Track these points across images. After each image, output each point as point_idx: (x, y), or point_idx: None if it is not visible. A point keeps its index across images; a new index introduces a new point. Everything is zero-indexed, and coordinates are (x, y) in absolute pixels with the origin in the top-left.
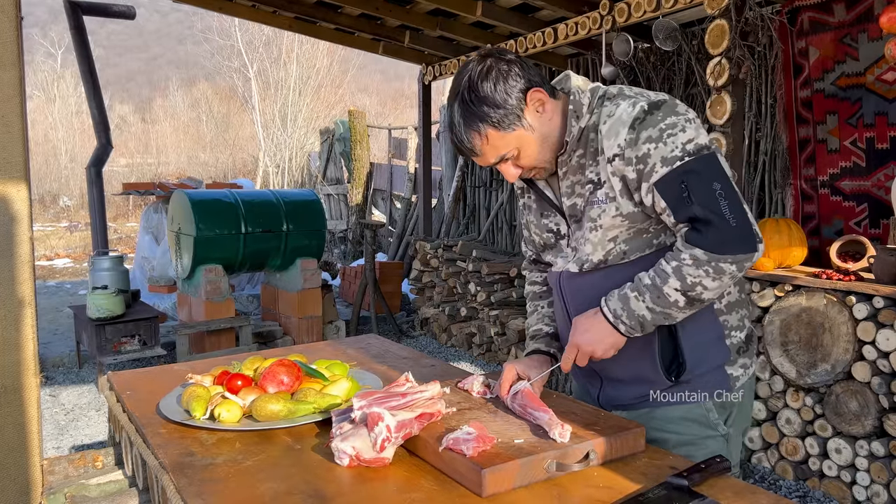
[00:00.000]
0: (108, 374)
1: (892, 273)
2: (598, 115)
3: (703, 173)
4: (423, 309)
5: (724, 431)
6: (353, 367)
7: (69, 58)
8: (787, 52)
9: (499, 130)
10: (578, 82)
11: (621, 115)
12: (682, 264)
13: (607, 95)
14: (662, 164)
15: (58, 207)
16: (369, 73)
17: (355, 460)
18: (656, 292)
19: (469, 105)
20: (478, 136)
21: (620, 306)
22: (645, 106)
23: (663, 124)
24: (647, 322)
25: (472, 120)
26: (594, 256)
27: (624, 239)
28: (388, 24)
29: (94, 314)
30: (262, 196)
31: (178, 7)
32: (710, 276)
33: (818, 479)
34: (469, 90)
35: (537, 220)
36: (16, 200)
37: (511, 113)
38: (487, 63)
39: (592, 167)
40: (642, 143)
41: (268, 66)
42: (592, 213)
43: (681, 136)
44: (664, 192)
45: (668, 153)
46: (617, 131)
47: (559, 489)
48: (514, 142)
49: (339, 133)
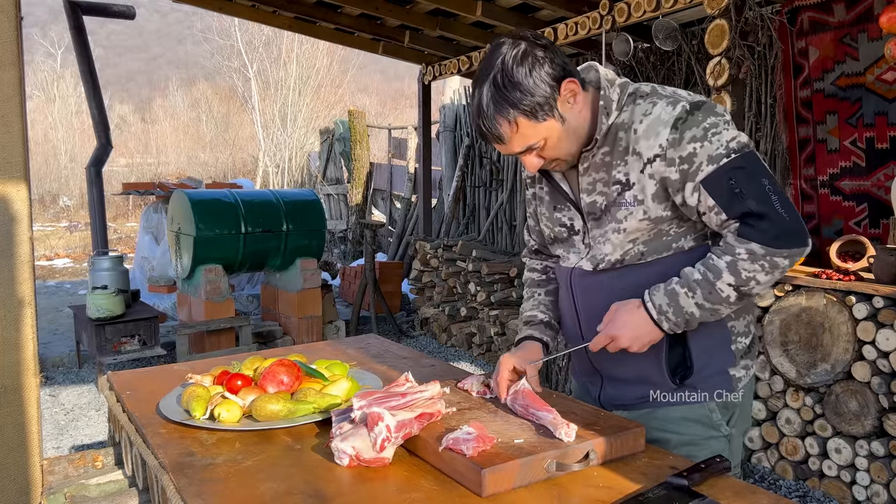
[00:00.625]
0: (107, 374)
1: (891, 273)
2: (631, 113)
3: (750, 169)
4: (422, 309)
5: (727, 432)
6: (352, 367)
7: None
8: (786, 52)
9: (530, 119)
10: (607, 75)
11: (660, 114)
12: (737, 259)
13: (639, 93)
14: (709, 162)
15: (58, 207)
16: (369, 73)
17: (355, 460)
18: (708, 287)
19: (501, 89)
20: (507, 124)
21: (667, 301)
22: (687, 106)
23: (706, 123)
24: (693, 319)
25: (503, 106)
26: (612, 256)
27: (643, 241)
28: (387, 23)
29: (94, 314)
30: (261, 196)
31: (177, 7)
32: (764, 271)
33: (818, 478)
34: (502, 74)
35: (549, 213)
36: (16, 200)
37: (544, 102)
38: (522, 47)
39: (620, 167)
40: (687, 142)
41: (268, 66)
42: (619, 214)
43: (724, 135)
44: (712, 190)
45: (714, 151)
46: (657, 132)
47: (559, 489)
48: (543, 132)
49: (338, 133)
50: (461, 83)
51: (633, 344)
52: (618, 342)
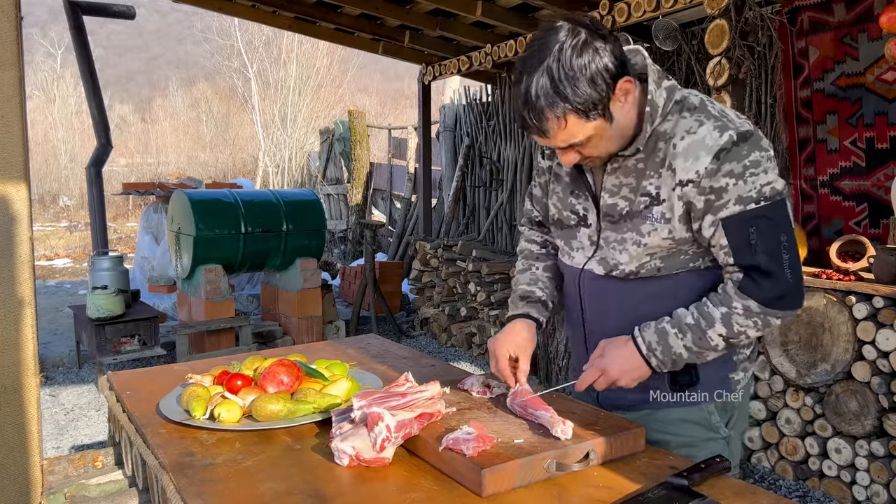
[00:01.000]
0: (107, 373)
1: (891, 273)
2: (674, 124)
3: (773, 221)
4: (422, 309)
5: (726, 434)
6: (352, 367)
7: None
8: (786, 52)
9: (580, 117)
10: (655, 73)
11: (705, 138)
12: (732, 312)
13: (687, 105)
14: (736, 202)
15: (58, 207)
16: (369, 73)
17: (355, 460)
18: (699, 333)
19: (555, 81)
20: (555, 119)
21: (656, 340)
22: (734, 136)
23: (748, 160)
24: (680, 360)
25: (555, 100)
26: (627, 267)
27: (661, 256)
28: (387, 23)
29: (94, 314)
30: (261, 196)
31: (177, 7)
32: (756, 328)
33: (818, 478)
34: (559, 64)
35: (564, 195)
36: (16, 200)
37: (599, 101)
38: (582, 37)
39: (653, 178)
40: (723, 175)
41: (267, 66)
42: (643, 227)
43: (761, 178)
44: (730, 231)
45: (745, 192)
46: (697, 155)
47: (559, 489)
48: (590, 130)
49: (338, 133)
50: (461, 83)
51: (621, 378)
52: (607, 376)
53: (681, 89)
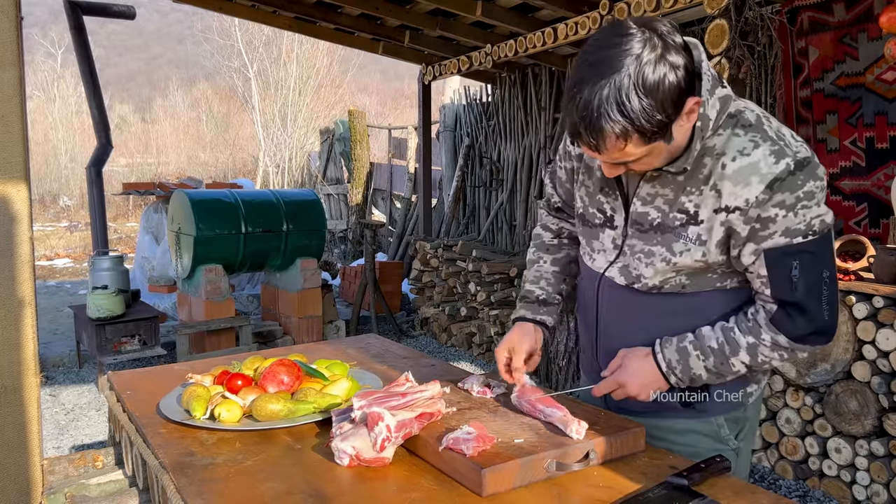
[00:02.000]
0: (108, 373)
1: (891, 273)
2: (725, 142)
3: (817, 256)
4: (423, 309)
5: (735, 446)
6: (353, 366)
7: (69, 58)
8: (786, 52)
9: (641, 138)
10: (710, 80)
11: (759, 163)
12: (759, 343)
13: (742, 121)
14: (783, 234)
15: (58, 207)
16: (369, 73)
17: (355, 460)
18: (721, 358)
19: (625, 99)
20: (614, 137)
21: (677, 358)
22: (791, 165)
23: (801, 192)
24: (699, 380)
25: (619, 117)
26: (650, 281)
27: (687, 273)
28: (387, 23)
29: (95, 314)
30: (262, 196)
31: (178, 7)
32: (780, 359)
33: (818, 478)
34: (631, 80)
35: (593, 191)
36: (16, 200)
37: (666, 123)
38: (658, 50)
39: (693, 195)
40: (773, 205)
41: (268, 66)
42: (675, 246)
43: (812, 210)
44: (772, 264)
45: (794, 225)
46: (748, 181)
47: (559, 489)
48: (646, 151)
49: (339, 133)
50: (461, 83)
51: (641, 392)
52: (626, 389)
53: (736, 100)
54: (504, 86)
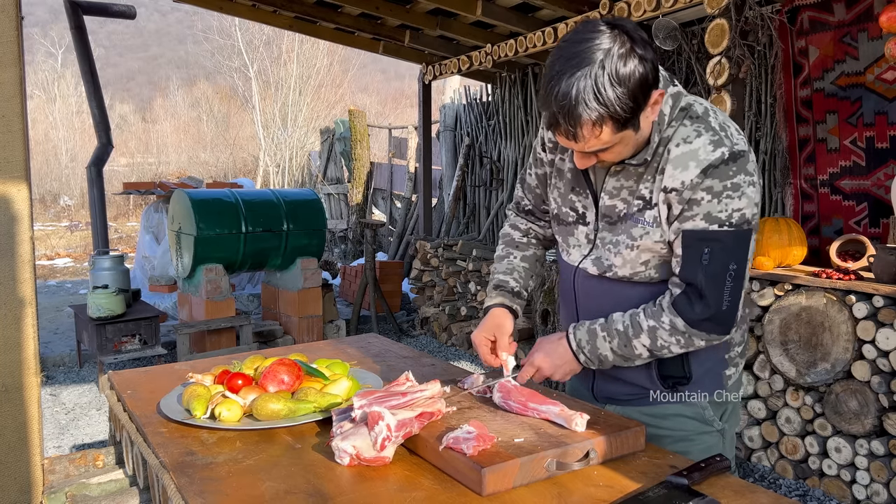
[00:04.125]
0: (108, 373)
1: (891, 272)
2: (675, 131)
3: (729, 247)
4: (423, 308)
5: (720, 427)
6: (353, 366)
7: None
8: (786, 52)
9: (615, 126)
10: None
11: (698, 150)
12: (659, 326)
13: (690, 113)
14: (704, 218)
15: (58, 207)
16: (369, 73)
17: (356, 459)
18: (625, 340)
19: (601, 88)
20: (590, 125)
21: (587, 339)
22: (726, 154)
23: (729, 182)
24: (607, 361)
25: (595, 106)
26: (620, 271)
27: (655, 265)
28: (388, 23)
29: (95, 313)
30: (262, 195)
31: (178, 7)
32: (679, 345)
33: (818, 477)
34: (604, 70)
35: (565, 191)
36: (16, 200)
37: (635, 113)
38: (627, 45)
39: (649, 183)
40: (702, 189)
41: (268, 66)
42: (635, 231)
43: (735, 202)
44: (687, 244)
45: (716, 212)
46: (687, 165)
47: (559, 488)
48: (617, 139)
49: (339, 132)
50: (461, 83)
51: (555, 372)
52: (541, 371)
53: (686, 95)
54: (504, 85)
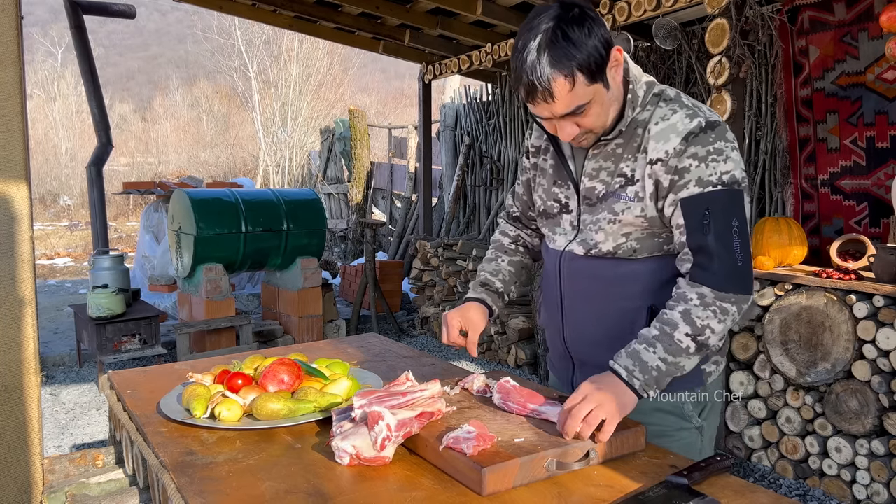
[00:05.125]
0: (108, 373)
1: (892, 272)
2: (651, 113)
3: (727, 206)
4: (423, 308)
5: (699, 424)
6: (353, 366)
7: (69, 57)
8: (787, 51)
9: (585, 77)
10: (634, 70)
11: (676, 123)
12: (689, 307)
13: (664, 96)
14: (696, 184)
15: (58, 206)
16: (370, 72)
17: (356, 459)
18: (667, 340)
19: (560, 45)
20: (563, 79)
21: (631, 362)
22: (703, 123)
23: (712, 147)
24: (661, 375)
25: (563, 61)
26: (604, 246)
27: (636, 237)
28: (388, 23)
29: (95, 313)
30: (262, 195)
31: (178, 6)
32: (716, 318)
33: (818, 477)
34: (560, 30)
35: (548, 186)
36: (16, 199)
37: (601, 63)
38: (575, 10)
39: (629, 162)
40: (687, 157)
41: (268, 65)
42: (617, 206)
43: (722, 165)
44: (686, 211)
45: (706, 176)
46: (668, 137)
47: (559, 488)
48: (591, 94)
49: (339, 132)
50: (461, 82)
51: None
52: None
53: (658, 84)
54: (504, 85)
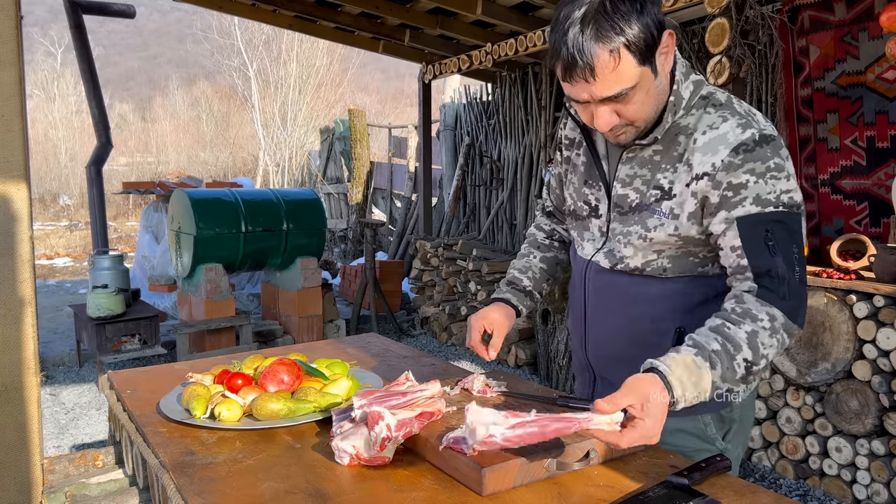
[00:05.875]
0: (108, 373)
1: (892, 272)
2: (697, 119)
3: (790, 230)
4: (423, 308)
5: (722, 447)
6: (353, 365)
7: (69, 56)
8: (787, 51)
9: (634, 56)
10: (681, 66)
11: (727, 133)
12: (757, 328)
13: (713, 100)
14: (755, 202)
15: (58, 206)
16: (369, 72)
17: (355, 459)
18: (727, 362)
19: (609, 18)
20: (608, 54)
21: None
22: (756, 135)
23: (771, 163)
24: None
25: (609, 33)
26: (631, 262)
27: (668, 255)
28: (388, 22)
29: (95, 313)
30: (262, 195)
31: (177, 6)
32: (775, 349)
33: (818, 477)
34: (609, 3)
35: (579, 185)
36: (16, 199)
37: (652, 43)
38: None
39: (667, 172)
40: (743, 172)
41: (267, 65)
42: (649, 222)
43: (783, 183)
44: (745, 232)
45: (766, 194)
46: (716, 149)
47: (559, 488)
48: (637, 77)
49: (339, 132)
50: (461, 82)
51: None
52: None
53: (708, 85)
54: (504, 85)
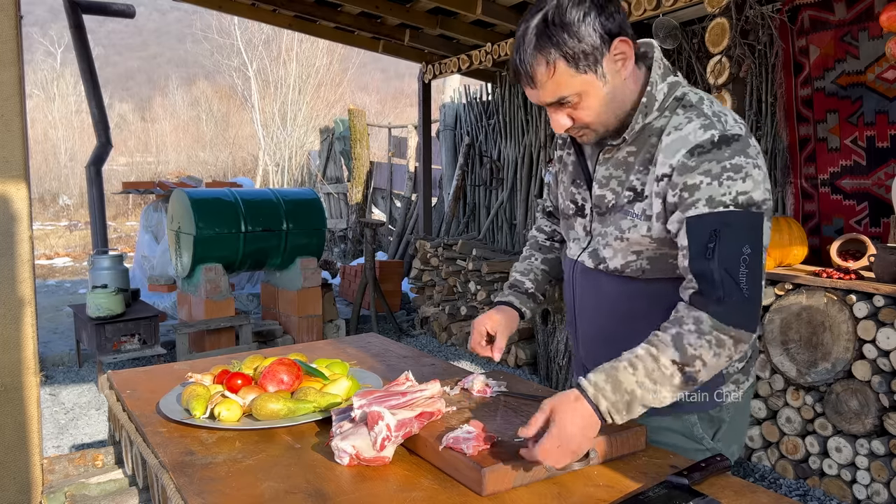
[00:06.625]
0: (107, 372)
1: (892, 272)
2: (668, 120)
3: (739, 230)
4: (423, 308)
5: (710, 446)
6: (353, 365)
7: (69, 56)
8: (787, 51)
9: (569, 66)
10: (661, 66)
11: (688, 134)
12: (683, 332)
13: (684, 102)
14: (706, 203)
15: (57, 206)
16: (369, 72)
17: (355, 459)
18: (651, 364)
19: (549, 27)
20: (544, 64)
21: (604, 378)
22: (716, 137)
23: (728, 163)
24: (635, 401)
25: (545, 44)
26: (611, 263)
27: (647, 256)
28: (387, 22)
29: (94, 313)
30: (261, 195)
31: (177, 6)
32: (711, 350)
33: (818, 477)
34: (555, 11)
35: (567, 184)
36: (15, 199)
37: (590, 52)
38: None
39: (640, 174)
40: (698, 173)
41: (267, 65)
42: (623, 223)
43: (738, 185)
44: (692, 232)
45: (718, 195)
46: (676, 150)
47: (559, 488)
48: (579, 85)
49: (338, 132)
50: (461, 82)
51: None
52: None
53: (685, 87)
54: (504, 84)
